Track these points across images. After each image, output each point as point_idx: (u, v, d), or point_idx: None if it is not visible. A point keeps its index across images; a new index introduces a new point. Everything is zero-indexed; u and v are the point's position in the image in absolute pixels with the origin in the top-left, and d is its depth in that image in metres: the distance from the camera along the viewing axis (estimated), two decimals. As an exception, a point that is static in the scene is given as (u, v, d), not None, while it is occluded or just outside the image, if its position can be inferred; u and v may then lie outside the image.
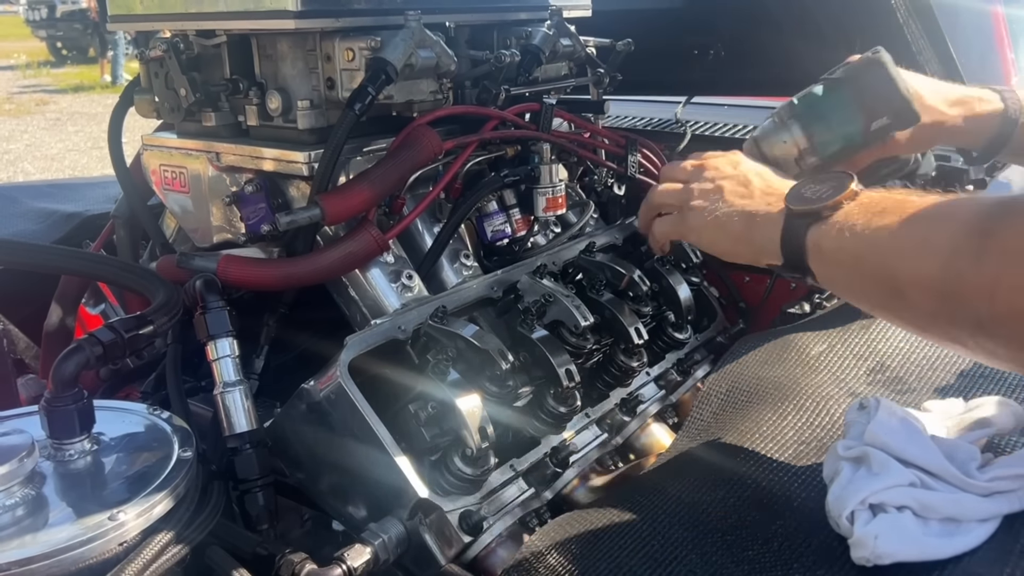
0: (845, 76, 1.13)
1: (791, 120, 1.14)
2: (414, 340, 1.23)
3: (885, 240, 0.81)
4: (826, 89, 1.13)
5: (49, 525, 0.88)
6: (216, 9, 1.29)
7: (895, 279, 0.80)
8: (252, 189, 1.31)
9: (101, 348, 1.02)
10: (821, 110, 1.12)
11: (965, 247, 0.73)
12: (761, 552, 0.84)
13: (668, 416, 1.48)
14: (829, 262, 0.88)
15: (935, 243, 0.76)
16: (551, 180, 1.50)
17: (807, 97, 1.14)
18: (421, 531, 1.07)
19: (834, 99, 1.12)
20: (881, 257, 0.82)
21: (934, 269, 0.76)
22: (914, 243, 0.78)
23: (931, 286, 0.76)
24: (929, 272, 0.76)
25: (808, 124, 1.13)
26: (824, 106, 1.12)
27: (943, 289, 0.75)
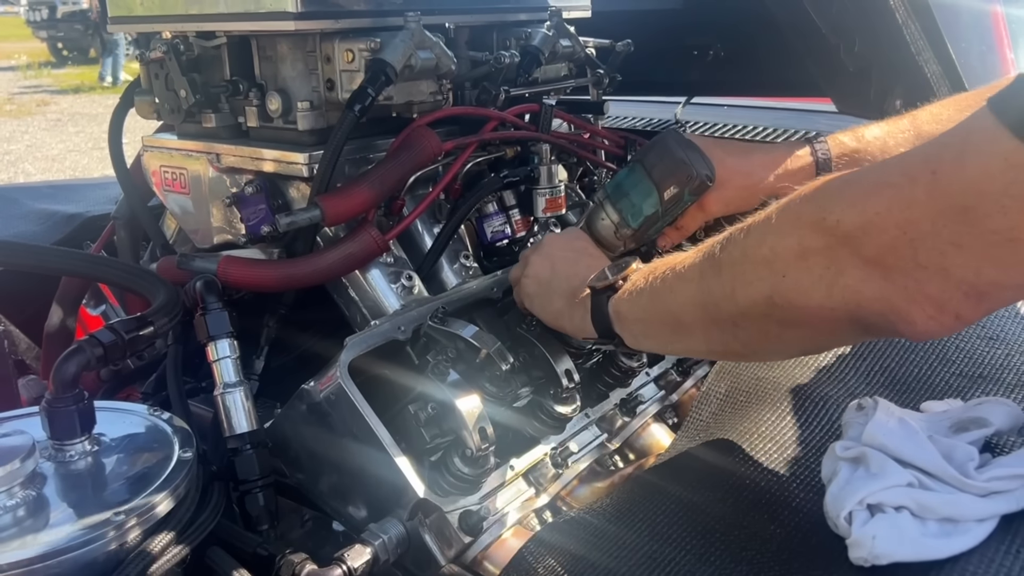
0: (636, 157, 1.28)
1: (605, 201, 1.30)
2: (414, 341, 1.23)
3: (659, 286, 0.99)
4: (626, 170, 1.29)
5: (50, 526, 0.88)
6: (216, 11, 1.29)
7: (672, 313, 0.98)
8: (252, 190, 1.32)
9: (102, 349, 1.02)
10: (624, 188, 1.28)
11: (708, 266, 0.91)
12: (759, 552, 0.84)
13: (668, 416, 1.48)
14: (628, 321, 1.05)
15: (688, 274, 0.94)
16: (551, 181, 1.50)
17: (613, 179, 1.31)
18: (421, 531, 1.07)
19: (632, 178, 1.27)
20: (658, 301, 0.99)
21: (692, 290, 0.94)
22: (676, 279, 0.97)
23: (694, 307, 0.94)
24: (690, 295, 0.94)
25: (616, 202, 1.28)
26: (625, 185, 1.28)
27: (703, 302, 0.92)
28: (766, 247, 0.84)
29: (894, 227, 0.73)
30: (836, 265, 0.77)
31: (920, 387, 1.10)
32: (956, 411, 0.93)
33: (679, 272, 0.97)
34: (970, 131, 0.70)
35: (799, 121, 2.33)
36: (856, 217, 0.75)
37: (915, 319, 0.74)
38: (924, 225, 0.71)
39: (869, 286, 0.76)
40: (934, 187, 0.70)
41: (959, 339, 1.21)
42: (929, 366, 1.15)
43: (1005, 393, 1.07)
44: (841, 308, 0.79)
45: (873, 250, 0.75)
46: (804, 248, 0.80)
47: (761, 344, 0.91)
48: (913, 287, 0.73)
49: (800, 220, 0.81)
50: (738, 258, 0.87)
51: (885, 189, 0.74)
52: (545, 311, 1.21)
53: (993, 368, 1.13)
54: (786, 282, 0.82)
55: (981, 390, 1.08)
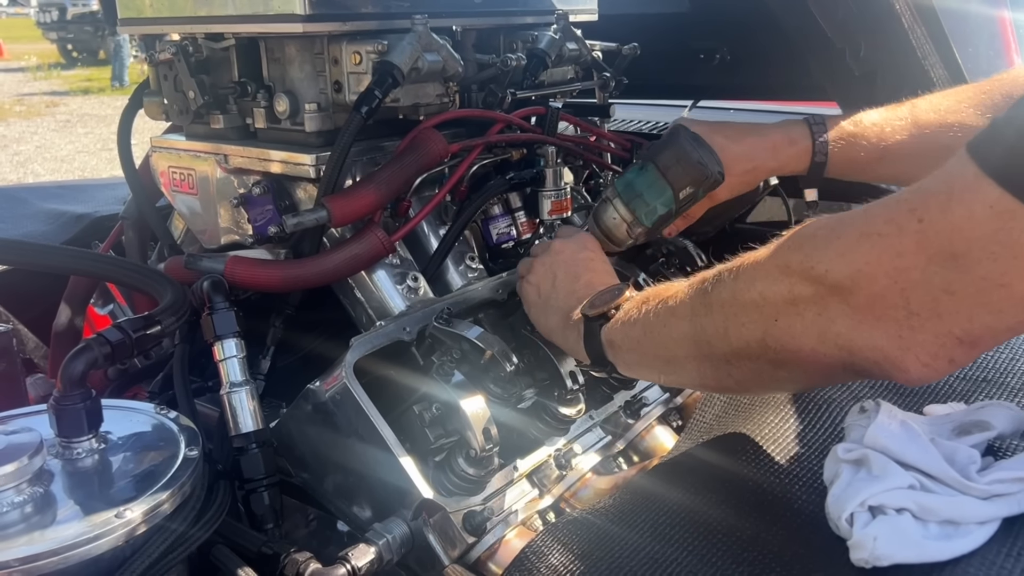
0: (648, 156, 1.29)
1: (615, 199, 1.31)
2: (419, 342, 1.24)
3: (651, 320, 1.00)
4: (637, 169, 1.30)
5: (57, 522, 0.89)
6: (225, 12, 1.30)
7: (666, 347, 0.99)
8: (259, 191, 1.32)
9: (109, 348, 1.03)
10: (636, 188, 1.29)
11: (699, 304, 0.92)
12: (761, 553, 0.84)
13: (672, 419, 1.48)
14: (621, 350, 1.07)
15: (680, 310, 0.96)
16: (556, 183, 1.50)
17: (623, 178, 1.31)
18: (425, 531, 1.08)
19: (645, 177, 1.28)
20: (651, 334, 1.01)
21: (684, 327, 0.95)
22: (668, 314, 0.98)
23: (688, 342, 0.95)
24: (683, 331, 0.95)
25: (628, 201, 1.29)
26: (638, 184, 1.28)
27: (696, 340, 0.93)
28: (755, 292, 0.84)
29: (884, 276, 0.73)
30: (827, 313, 0.78)
31: (923, 390, 1.10)
32: (958, 414, 0.93)
33: (671, 307, 0.98)
34: (953, 178, 0.71)
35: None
36: (845, 268, 0.76)
37: (909, 367, 0.75)
38: (914, 273, 0.72)
39: (861, 335, 0.76)
40: (922, 236, 0.71)
41: (963, 343, 1.21)
42: (933, 370, 1.15)
43: (1008, 397, 1.07)
44: (834, 355, 0.79)
45: (863, 299, 0.75)
46: (794, 296, 0.80)
47: (754, 382, 0.92)
48: (906, 336, 0.74)
49: (789, 268, 0.81)
50: (728, 300, 0.88)
51: (873, 239, 0.74)
52: (540, 324, 1.25)
53: (996, 372, 1.13)
54: (778, 326, 0.82)
55: (984, 393, 1.08)
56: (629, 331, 1.05)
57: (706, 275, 0.94)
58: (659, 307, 1.00)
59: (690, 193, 1.26)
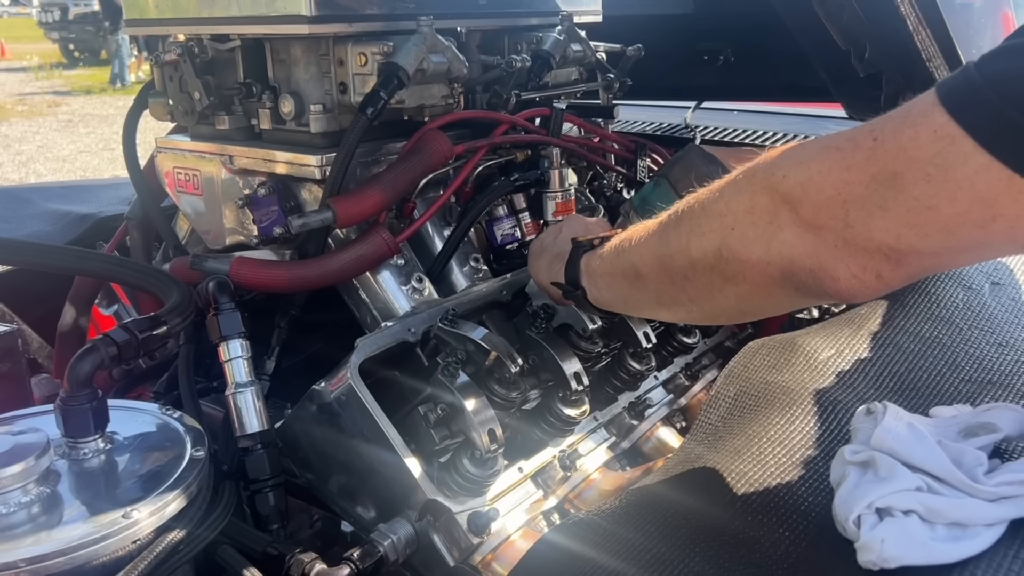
0: (661, 172, 1.34)
1: (632, 213, 1.38)
2: (424, 342, 1.24)
3: (626, 246, 1.07)
4: (652, 185, 1.35)
5: (63, 523, 0.89)
6: (230, 14, 1.30)
7: (633, 264, 1.05)
8: (265, 192, 1.33)
9: (115, 348, 1.03)
10: (650, 202, 1.35)
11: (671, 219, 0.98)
12: (768, 555, 0.84)
13: (676, 420, 1.49)
14: (594, 276, 1.13)
15: (652, 225, 1.02)
16: (560, 185, 1.51)
17: (639, 193, 1.38)
18: (430, 532, 1.08)
19: (658, 192, 1.34)
20: (623, 256, 1.07)
21: (654, 244, 1.01)
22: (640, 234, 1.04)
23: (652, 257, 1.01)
24: (650, 247, 1.01)
25: (644, 215, 1.30)
26: (652, 198, 1.35)
27: (660, 255, 0.99)
28: (722, 202, 0.90)
29: (830, 187, 0.78)
30: (777, 221, 0.83)
31: (929, 392, 1.10)
32: (965, 416, 0.93)
33: (647, 227, 1.04)
34: (913, 105, 0.75)
35: (809, 126, 2.33)
36: (800, 174, 0.81)
37: (839, 276, 0.80)
38: (857, 188, 0.76)
39: (802, 243, 0.81)
40: (872, 153, 0.76)
41: (968, 345, 1.21)
42: (938, 372, 1.15)
43: (1015, 399, 1.07)
44: (776, 263, 0.84)
45: (809, 209, 0.80)
46: (753, 204, 0.86)
47: (705, 298, 0.97)
48: (841, 246, 0.79)
49: (755, 179, 0.86)
50: (697, 211, 0.94)
51: (831, 151, 0.79)
52: (533, 267, 1.29)
53: (1003, 374, 1.13)
54: (734, 235, 0.88)
55: (990, 396, 1.08)
56: (605, 257, 1.11)
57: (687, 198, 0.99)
58: (638, 235, 1.05)
59: None
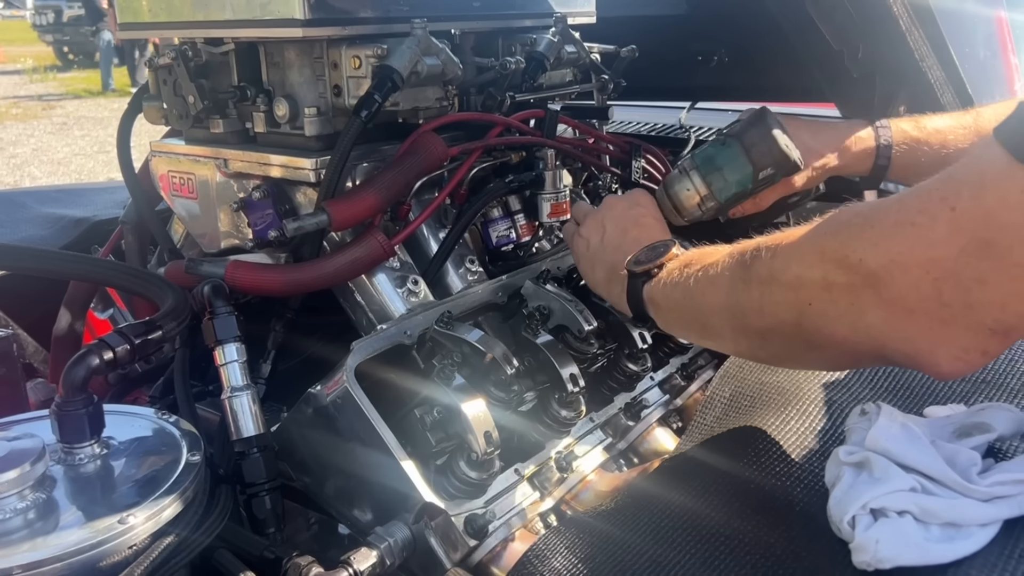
0: (733, 132, 1.30)
1: (692, 171, 1.31)
2: (420, 345, 1.24)
3: (691, 286, 1.02)
4: (719, 144, 1.30)
5: (59, 528, 0.89)
6: (224, 17, 1.30)
7: (703, 315, 1.02)
8: (259, 195, 1.32)
9: (111, 353, 1.03)
10: (716, 163, 1.29)
11: (738, 277, 0.93)
12: (763, 557, 0.84)
13: (672, 420, 1.49)
14: (661, 310, 1.10)
15: (719, 281, 0.97)
16: (555, 186, 1.51)
17: (703, 151, 1.32)
18: (427, 535, 1.08)
19: (726, 153, 1.29)
20: (690, 299, 1.03)
21: (722, 297, 0.96)
22: (708, 283, 0.99)
23: (724, 310, 0.97)
24: (719, 301, 0.97)
25: (706, 175, 1.30)
26: (719, 159, 1.29)
27: (733, 311, 0.95)
28: (791, 274, 0.85)
29: (916, 266, 0.73)
30: (859, 304, 0.78)
31: (923, 392, 1.11)
32: (959, 416, 0.94)
33: (711, 277, 0.99)
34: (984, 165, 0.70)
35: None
36: (879, 257, 0.76)
37: (940, 362, 0.75)
38: (947, 263, 0.71)
39: (892, 328, 0.76)
40: (955, 224, 0.71)
41: (962, 344, 1.21)
42: (932, 371, 1.15)
43: (1008, 398, 1.07)
44: (865, 344, 0.80)
45: (895, 291, 0.75)
46: (828, 282, 0.81)
47: (787, 358, 0.96)
48: (938, 329, 0.73)
49: (825, 254, 0.82)
50: (765, 278, 0.89)
51: (906, 228, 0.74)
52: (587, 276, 1.29)
53: (996, 373, 1.14)
54: (812, 310, 0.83)
55: (984, 395, 1.08)
56: (670, 293, 1.07)
57: (745, 247, 0.95)
58: (699, 274, 1.01)
59: (769, 175, 1.27)
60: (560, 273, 1.50)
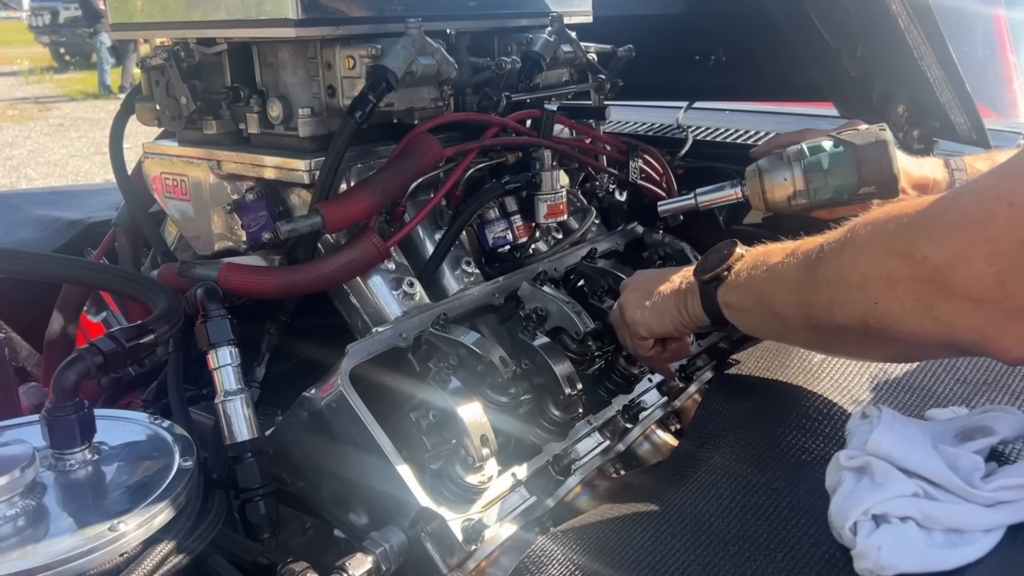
0: (853, 141, 1.28)
1: (796, 163, 1.29)
2: (415, 348, 1.23)
3: (761, 286, 1.05)
4: (834, 146, 1.28)
5: (50, 536, 0.87)
6: (217, 17, 1.29)
7: (777, 312, 1.03)
8: (253, 197, 1.31)
9: (102, 358, 1.02)
10: (824, 163, 1.28)
11: (805, 279, 0.96)
12: (764, 563, 0.83)
13: (671, 423, 1.47)
14: (737, 311, 1.11)
15: (787, 281, 1.00)
16: (552, 186, 1.50)
17: (817, 147, 1.30)
18: (423, 540, 1.07)
19: (838, 157, 1.27)
20: (763, 298, 1.05)
21: (793, 299, 0.99)
22: (777, 282, 1.02)
23: (796, 313, 0.99)
24: (791, 300, 1.00)
25: (809, 171, 1.28)
26: (828, 161, 1.28)
27: (804, 312, 0.97)
28: (858, 273, 0.88)
29: (979, 261, 0.76)
30: (926, 298, 0.81)
31: (925, 394, 1.10)
32: (961, 419, 0.93)
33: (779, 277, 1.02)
34: None
35: (801, 126, 2.30)
36: (942, 253, 0.79)
37: (1009, 347, 0.78)
38: (1008, 256, 0.75)
39: (960, 318, 0.79)
40: (1012, 220, 0.74)
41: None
42: (934, 373, 1.14)
43: (1011, 400, 1.07)
44: (934, 336, 0.82)
45: (961, 284, 0.78)
46: (893, 279, 0.84)
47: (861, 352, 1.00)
48: (1004, 317, 0.77)
49: (889, 251, 0.85)
50: (832, 278, 0.92)
51: (966, 225, 0.78)
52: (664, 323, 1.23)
53: (998, 375, 1.13)
54: (879, 308, 0.86)
55: (986, 397, 1.07)
56: (743, 296, 1.09)
57: (810, 247, 0.97)
58: (766, 275, 1.04)
59: (869, 192, 1.27)
60: (557, 274, 1.48)
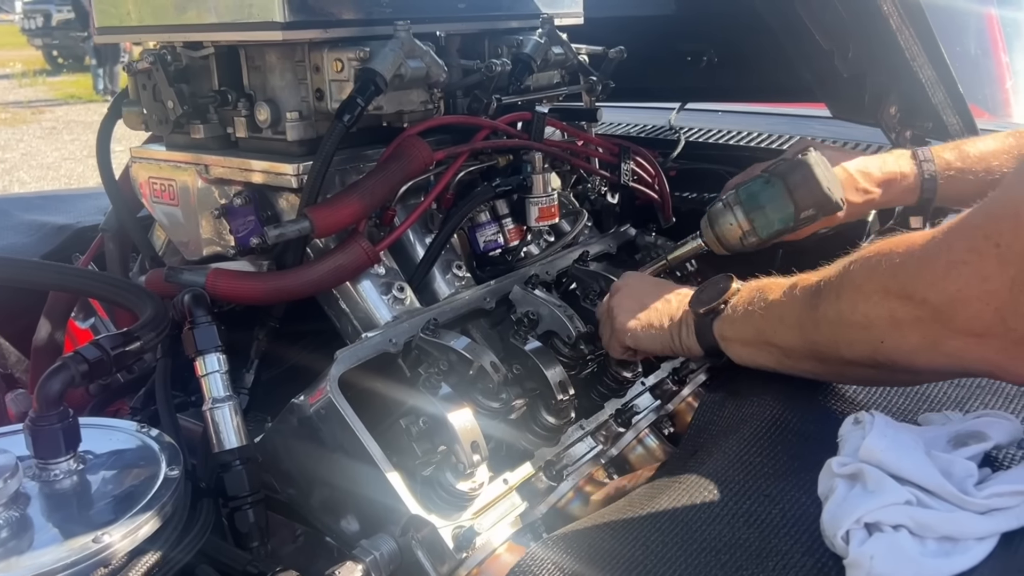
0: (777, 172, 1.33)
1: (736, 206, 1.35)
2: (405, 353, 1.22)
3: (760, 322, 1.08)
4: (763, 182, 1.34)
5: (33, 547, 0.86)
6: (203, 20, 1.28)
7: (779, 347, 1.07)
8: (241, 202, 1.30)
9: (86, 366, 1.01)
10: (760, 201, 1.33)
11: (807, 319, 1.00)
12: (756, 572, 0.82)
13: (664, 426, 1.47)
14: (735, 344, 1.13)
15: (788, 319, 1.04)
16: (544, 189, 1.49)
17: (747, 188, 1.35)
18: (413, 547, 1.06)
19: (770, 192, 1.32)
20: (763, 334, 1.08)
21: (796, 337, 1.03)
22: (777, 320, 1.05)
23: (799, 349, 1.04)
24: (792, 336, 1.04)
25: (748, 211, 1.34)
26: (762, 198, 1.33)
27: (809, 350, 1.02)
28: (859, 314, 0.91)
29: (976, 300, 0.80)
30: (931, 336, 0.85)
31: (919, 397, 1.09)
32: (955, 424, 0.92)
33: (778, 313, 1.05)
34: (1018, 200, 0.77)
35: (794, 127, 2.32)
36: (939, 295, 0.83)
37: (1019, 372, 0.82)
38: (1003, 294, 0.78)
39: (969, 352, 0.83)
40: (1002, 259, 0.78)
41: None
42: (927, 376, 1.13)
43: (1004, 403, 1.06)
44: (946, 367, 0.87)
45: (963, 323, 0.82)
46: (897, 319, 0.87)
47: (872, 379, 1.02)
48: (1011, 348, 0.80)
49: (888, 292, 0.88)
50: (834, 320, 0.95)
51: (959, 267, 0.81)
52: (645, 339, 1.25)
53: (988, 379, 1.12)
54: (886, 347, 0.89)
55: (979, 400, 1.07)
56: (741, 329, 1.11)
57: (807, 283, 1.01)
58: (765, 311, 1.07)
59: (810, 215, 1.31)
60: (549, 278, 1.48)
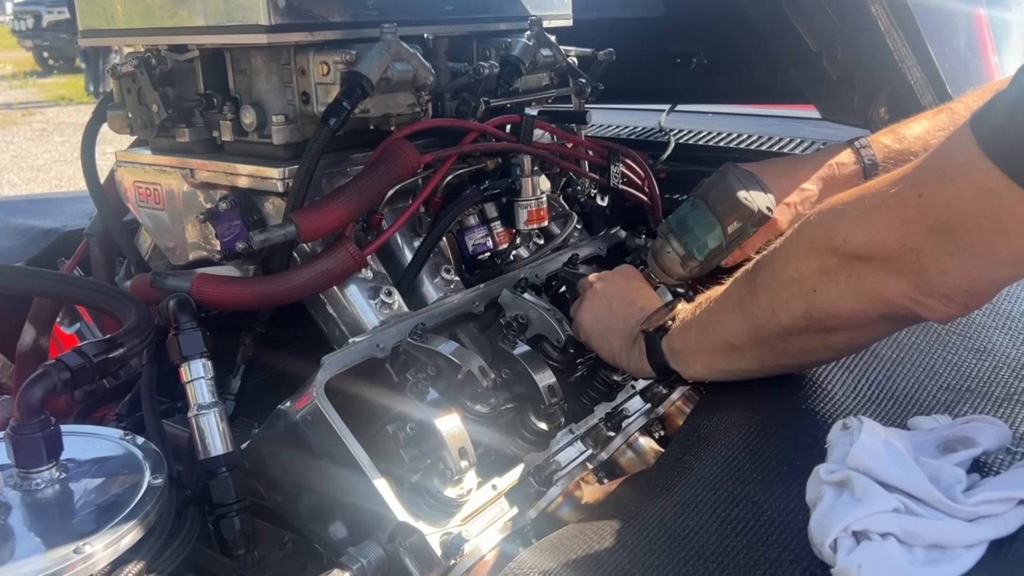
0: (699, 193, 1.36)
1: (669, 235, 1.38)
2: (393, 358, 1.21)
3: (705, 319, 1.12)
4: (689, 205, 1.37)
5: (14, 558, 0.85)
6: (188, 23, 1.27)
7: (722, 339, 1.09)
8: (226, 206, 1.29)
9: (69, 373, 1.00)
10: (688, 224, 1.36)
11: (746, 293, 1.04)
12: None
13: (655, 429, 1.46)
14: (682, 355, 1.16)
15: (728, 302, 1.08)
16: (533, 192, 1.48)
17: (676, 215, 1.39)
18: (401, 555, 1.05)
19: (695, 214, 1.35)
20: (707, 332, 1.12)
21: (736, 317, 1.06)
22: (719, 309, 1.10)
23: (741, 329, 1.06)
24: (735, 321, 1.07)
25: (680, 236, 1.37)
26: (689, 220, 1.36)
27: (751, 327, 1.05)
28: (791, 269, 0.96)
29: (894, 241, 0.85)
30: (856, 275, 0.90)
31: (907, 401, 1.08)
32: (943, 430, 0.91)
33: (721, 302, 1.09)
34: (948, 158, 0.82)
35: (783, 128, 2.31)
36: (860, 236, 0.88)
37: (934, 307, 0.86)
38: (920, 238, 0.83)
39: (889, 285, 0.87)
40: (921, 208, 0.82)
41: (947, 352, 1.19)
42: (916, 380, 1.13)
43: (993, 407, 1.05)
44: (871, 308, 0.91)
45: (882, 260, 0.87)
46: (824, 265, 0.92)
47: (809, 352, 1.04)
48: (924, 284, 0.85)
49: (814, 242, 0.93)
50: (769, 282, 1.00)
51: (880, 210, 0.86)
52: (603, 349, 1.29)
53: (981, 381, 1.12)
54: (818, 296, 0.94)
55: (968, 404, 1.06)
56: (686, 335, 1.15)
57: (745, 268, 1.05)
58: (710, 305, 1.11)
59: (738, 228, 1.32)
60: (538, 281, 1.47)
